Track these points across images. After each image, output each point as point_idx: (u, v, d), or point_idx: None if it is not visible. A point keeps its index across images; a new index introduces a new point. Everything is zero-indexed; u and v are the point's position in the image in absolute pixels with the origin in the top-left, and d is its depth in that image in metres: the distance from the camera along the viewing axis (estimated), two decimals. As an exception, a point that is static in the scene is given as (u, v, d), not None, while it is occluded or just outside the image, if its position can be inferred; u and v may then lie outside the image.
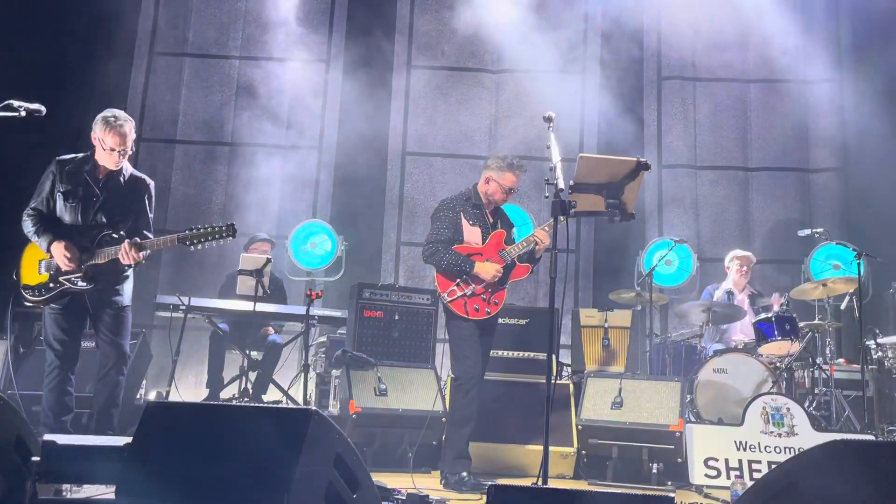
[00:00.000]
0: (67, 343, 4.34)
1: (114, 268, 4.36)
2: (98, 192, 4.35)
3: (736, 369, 5.73)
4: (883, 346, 6.17)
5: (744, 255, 6.95)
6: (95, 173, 4.38)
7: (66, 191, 4.33)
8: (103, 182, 4.38)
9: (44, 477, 2.85)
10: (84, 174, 4.36)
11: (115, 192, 4.39)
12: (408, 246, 8.38)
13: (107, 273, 4.35)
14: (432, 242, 4.66)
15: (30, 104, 3.80)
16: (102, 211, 4.34)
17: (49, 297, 4.32)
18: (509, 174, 4.71)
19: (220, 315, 6.15)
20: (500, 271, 4.61)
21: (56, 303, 4.33)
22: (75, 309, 4.37)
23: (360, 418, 5.03)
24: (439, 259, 4.61)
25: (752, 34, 8.56)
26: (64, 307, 4.34)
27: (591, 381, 5.36)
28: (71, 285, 4.29)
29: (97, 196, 4.34)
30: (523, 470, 5.14)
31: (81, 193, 4.33)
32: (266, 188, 8.28)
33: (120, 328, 4.43)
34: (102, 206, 4.34)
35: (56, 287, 4.31)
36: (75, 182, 4.34)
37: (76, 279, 4.28)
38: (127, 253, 4.23)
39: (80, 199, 4.33)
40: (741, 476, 4.81)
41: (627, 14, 8.68)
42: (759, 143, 8.52)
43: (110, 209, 4.36)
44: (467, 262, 4.59)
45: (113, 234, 4.30)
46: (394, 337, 5.66)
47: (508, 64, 8.59)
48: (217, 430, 2.25)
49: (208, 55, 8.60)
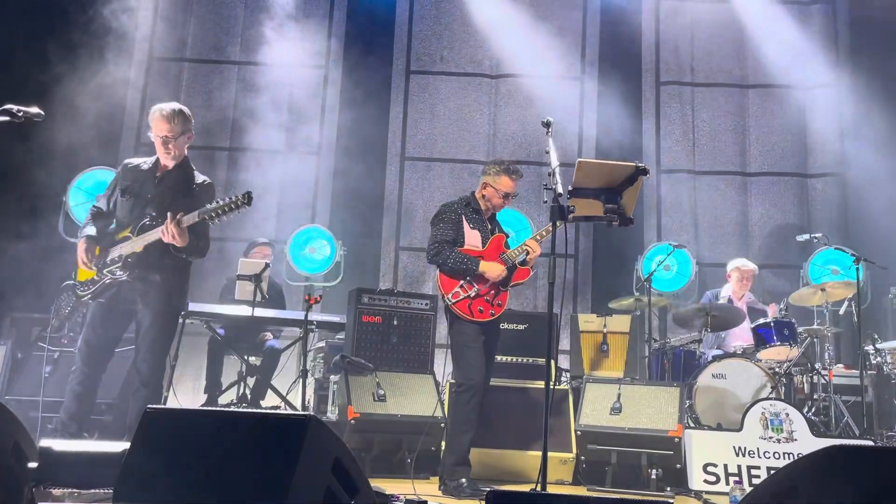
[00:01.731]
0: (96, 345, 4.27)
1: (157, 260, 4.25)
2: (153, 188, 4.35)
3: (735, 375, 5.73)
4: (882, 351, 6.17)
5: (746, 268, 6.92)
6: (155, 171, 4.40)
7: (125, 187, 4.38)
8: (159, 179, 4.39)
9: (41, 483, 2.84)
10: (143, 172, 4.40)
11: (168, 188, 4.37)
12: (406, 251, 8.39)
13: (147, 264, 4.23)
14: (438, 242, 4.66)
15: (29, 108, 3.79)
16: (152, 205, 4.31)
17: (95, 291, 4.29)
18: (506, 179, 4.73)
19: (219, 320, 6.14)
20: (505, 272, 4.63)
21: (102, 297, 4.29)
22: (116, 305, 4.29)
23: (359, 424, 5.02)
24: (445, 258, 4.61)
25: (750, 39, 8.58)
26: (109, 300, 4.28)
27: (589, 386, 5.35)
28: (112, 276, 4.25)
29: (150, 192, 4.34)
30: (522, 476, 5.13)
31: (137, 190, 4.36)
32: (265, 193, 8.28)
33: (154, 339, 4.28)
34: (152, 200, 4.32)
35: (101, 279, 4.28)
36: (133, 179, 4.39)
37: (116, 269, 4.24)
38: (167, 228, 4.10)
39: (135, 195, 4.34)
40: (740, 482, 4.80)
41: (626, 19, 8.72)
42: (758, 149, 8.54)
43: (160, 204, 4.30)
44: (474, 261, 4.61)
45: (153, 223, 4.21)
46: (392, 342, 5.65)
47: (507, 69, 8.61)
48: (215, 436, 2.25)
49: (207, 60, 8.62)
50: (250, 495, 2.09)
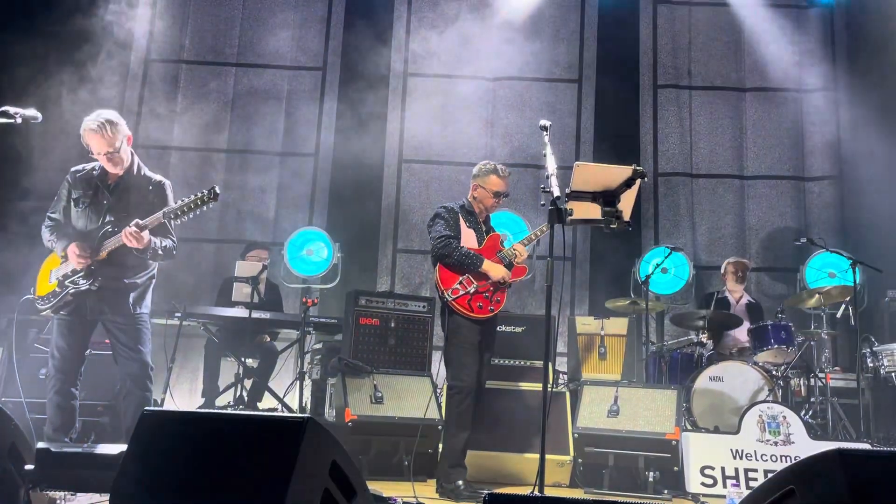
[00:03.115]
0: (66, 354, 4.23)
1: (119, 263, 4.23)
2: (107, 195, 4.30)
3: (732, 377, 5.74)
4: (878, 354, 6.18)
5: (737, 260, 6.99)
6: (105, 178, 4.34)
7: (78, 197, 4.31)
8: (113, 186, 4.33)
9: (38, 485, 2.84)
10: (95, 180, 4.33)
11: (124, 193, 4.33)
12: (404, 253, 8.38)
13: (110, 270, 4.22)
14: (443, 236, 4.67)
15: (26, 110, 3.78)
16: (111, 213, 4.27)
17: (56, 304, 4.25)
18: (495, 178, 4.79)
19: (216, 322, 6.13)
20: (509, 274, 4.68)
21: (64, 310, 4.25)
22: (82, 317, 4.26)
23: (356, 426, 5.01)
24: (452, 251, 4.62)
25: (748, 43, 8.62)
26: (70, 314, 4.25)
27: (587, 389, 5.35)
28: (75, 287, 4.21)
29: (106, 199, 4.29)
30: (519, 478, 5.13)
31: (91, 198, 4.30)
32: (262, 195, 8.29)
33: (135, 337, 4.28)
34: (111, 208, 4.28)
35: (62, 292, 4.25)
36: (86, 188, 4.32)
37: (79, 278, 4.20)
38: (128, 234, 4.09)
39: (90, 203, 4.29)
40: (737, 484, 4.80)
41: (624, 22, 8.74)
42: (755, 152, 8.55)
43: (118, 211, 4.28)
44: (478, 258, 4.64)
45: (114, 230, 4.20)
46: (390, 344, 5.65)
47: (505, 72, 8.62)
48: (212, 439, 2.24)
49: (204, 61, 8.62)
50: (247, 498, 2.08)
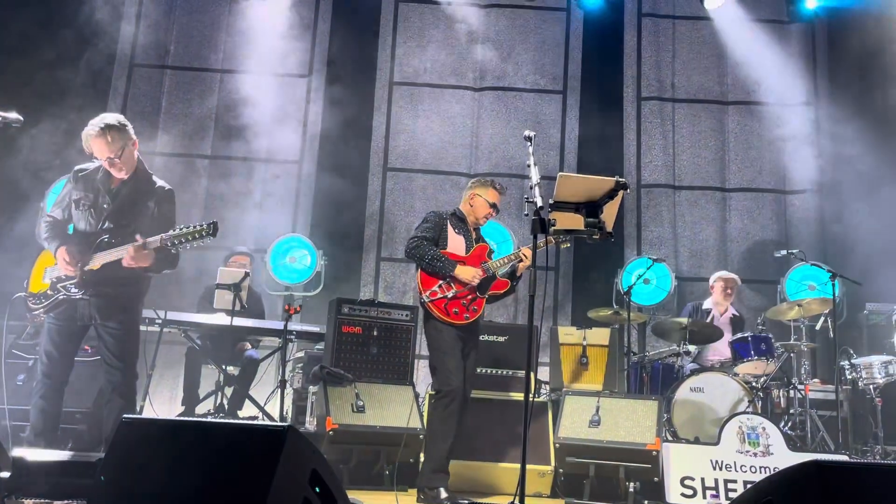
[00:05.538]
0: (56, 358, 4.19)
1: (112, 275, 4.16)
2: (108, 200, 4.25)
3: (713, 388, 5.77)
4: (857, 366, 6.23)
5: (729, 276, 6.99)
6: (108, 182, 4.28)
7: (79, 198, 4.27)
8: (115, 191, 4.28)
9: (14, 493, 2.80)
10: (97, 182, 4.27)
11: (125, 199, 4.28)
12: (387, 262, 8.37)
13: (103, 281, 4.17)
14: (418, 237, 4.73)
15: (7, 114, 3.76)
16: (110, 219, 4.23)
17: (48, 305, 4.20)
18: (493, 191, 4.90)
19: (197, 329, 6.09)
20: (480, 275, 4.69)
21: (54, 312, 4.20)
22: (71, 322, 4.21)
23: (337, 435, 4.99)
24: (423, 253, 4.66)
25: (730, 57, 8.72)
26: (60, 318, 4.20)
27: (568, 398, 5.36)
28: (66, 293, 4.17)
29: (107, 204, 4.25)
30: (500, 488, 5.12)
31: (92, 200, 4.25)
32: (245, 202, 8.25)
33: (123, 345, 4.24)
34: (110, 214, 4.24)
35: (54, 294, 4.20)
36: (88, 189, 4.27)
37: (71, 286, 4.16)
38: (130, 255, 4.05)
39: (91, 206, 4.25)
40: (717, 495, 4.82)
41: (608, 35, 8.81)
42: (737, 164, 8.64)
43: (118, 217, 4.24)
44: (450, 263, 4.67)
45: (112, 240, 4.16)
46: (372, 353, 5.63)
47: (490, 82, 8.66)
48: (191, 447, 2.23)
49: (189, 67, 8.59)
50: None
